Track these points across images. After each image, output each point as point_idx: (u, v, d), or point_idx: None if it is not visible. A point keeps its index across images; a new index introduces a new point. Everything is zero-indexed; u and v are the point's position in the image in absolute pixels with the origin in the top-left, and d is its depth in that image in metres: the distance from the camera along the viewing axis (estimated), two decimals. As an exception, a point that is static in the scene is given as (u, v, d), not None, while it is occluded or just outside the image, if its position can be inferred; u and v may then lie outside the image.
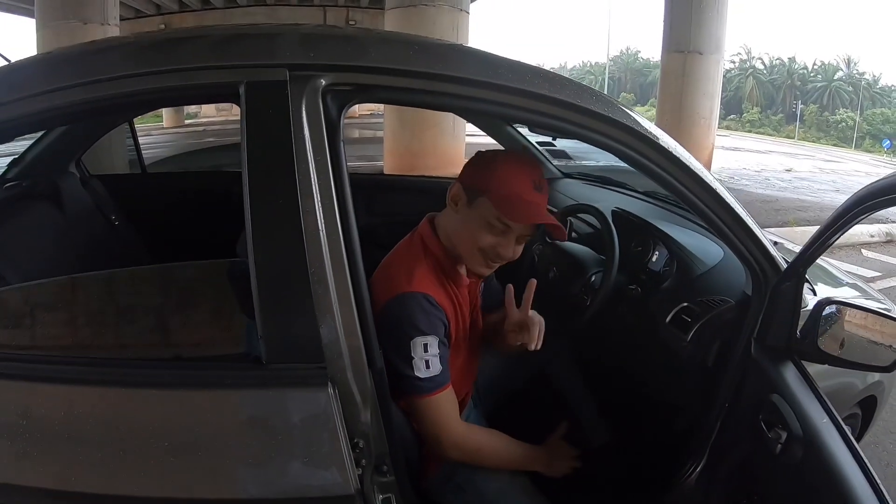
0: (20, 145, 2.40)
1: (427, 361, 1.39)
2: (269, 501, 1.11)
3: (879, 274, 6.61)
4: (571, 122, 1.28)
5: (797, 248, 2.74)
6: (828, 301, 1.51)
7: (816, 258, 1.43)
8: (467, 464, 1.53)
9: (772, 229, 6.63)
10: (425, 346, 1.39)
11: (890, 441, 3.13)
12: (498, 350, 1.82)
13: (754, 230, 1.44)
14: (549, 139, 2.81)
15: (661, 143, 1.34)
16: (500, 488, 1.55)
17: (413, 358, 1.38)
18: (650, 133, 1.33)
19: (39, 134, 2.34)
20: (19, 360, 1.23)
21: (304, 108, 1.11)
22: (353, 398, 1.13)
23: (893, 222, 8.97)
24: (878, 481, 1.18)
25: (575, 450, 1.67)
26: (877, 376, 2.17)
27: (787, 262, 1.49)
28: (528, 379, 1.95)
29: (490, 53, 1.32)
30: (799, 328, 1.48)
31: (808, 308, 1.53)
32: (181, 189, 2.90)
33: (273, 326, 1.11)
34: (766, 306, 1.50)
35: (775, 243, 1.85)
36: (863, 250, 7.70)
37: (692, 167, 1.36)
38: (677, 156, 1.35)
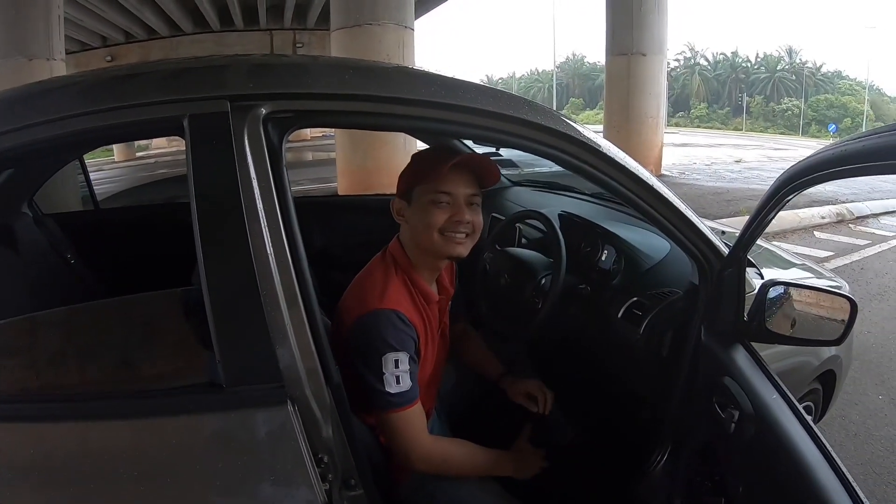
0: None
1: (397, 377, 1.41)
2: None
3: (832, 253, 6.83)
4: (508, 133, 1.32)
5: (759, 241, 2.82)
6: (771, 283, 1.55)
7: (754, 242, 1.47)
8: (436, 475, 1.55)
9: (724, 220, 6.80)
10: (396, 362, 1.41)
11: (856, 413, 3.24)
12: (465, 363, 1.91)
13: (694, 221, 1.49)
14: (492, 149, 2.86)
15: (598, 146, 1.38)
16: (471, 494, 1.57)
17: (384, 374, 1.41)
18: (586, 138, 1.38)
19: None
20: None
21: (246, 137, 1.14)
22: (314, 414, 1.15)
23: (843, 203, 9.27)
24: (830, 450, 1.22)
25: (542, 451, 1.69)
26: (832, 352, 2.24)
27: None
28: (489, 386, 1.96)
29: (422, 71, 1.37)
30: (747, 311, 1.52)
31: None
32: (135, 223, 2.88)
33: (230, 350, 1.12)
34: (712, 293, 1.55)
35: (723, 233, 1.91)
36: (815, 232, 7.97)
37: (629, 167, 1.41)
38: (613, 157, 1.40)
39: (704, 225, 1.54)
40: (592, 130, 1.47)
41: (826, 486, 1.12)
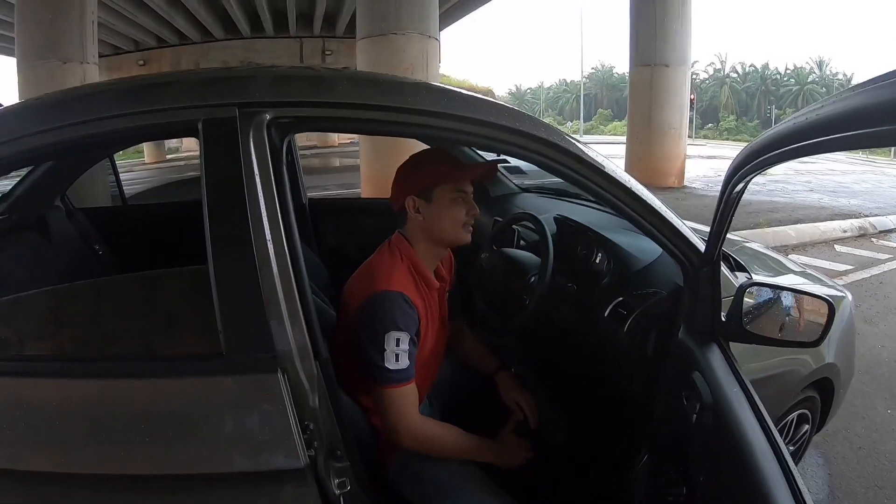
0: (7, 181, 2.54)
1: (397, 355, 1.54)
2: (229, 475, 1.26)
3: (852, 267, 6.77)
4: (490, 138, 1.41)
5: (760, 248, 2.85)
6: (749, 283, 1.59)
7: (724, 236, 1.49)
8: (420, 453, 1.65)
9: (743, 231, 6.78)
10: (398, 340, 1.55)
11: (861, 426, 3.21)
12: (461, 357, 2.02)
13: (673, 222, 1.54)
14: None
15: (579, 152, 1.45)
16: (452, 476, 1.66)
17: (385, 350, 1.54)
18: (567, 143, 1.46)
19: (27, 170, 2.48)
20: (19, 360, 1.44)
21: (251, 140, 1.29)
22: (302, 384, 1.28)
23: (866, 216, 9.18)
24: (779, 441, 1.28)
25: (525, 442, 1.78)
26: (827, 359, 2.26)
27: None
28: (484, 379, 2.04)
29: (412, 81, 1.49)
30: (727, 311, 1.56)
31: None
32: (160, 218, 3.05)
33: (231, 325, 1.27)
34: (690, 292, 1.60)
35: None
36: (836, 245, 7.90)
37: (609, 171, 1.47)
38: (592, 161, 1.46)
39: (684, 226, 1.58)
40: (614, 141, 1.52)
41: (767, 475, 1.19)
